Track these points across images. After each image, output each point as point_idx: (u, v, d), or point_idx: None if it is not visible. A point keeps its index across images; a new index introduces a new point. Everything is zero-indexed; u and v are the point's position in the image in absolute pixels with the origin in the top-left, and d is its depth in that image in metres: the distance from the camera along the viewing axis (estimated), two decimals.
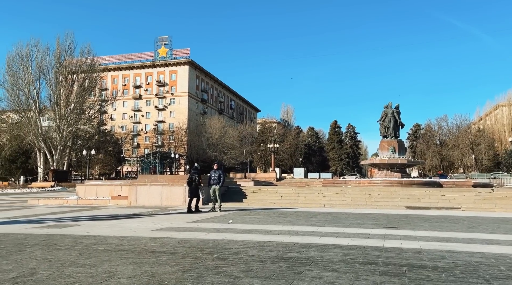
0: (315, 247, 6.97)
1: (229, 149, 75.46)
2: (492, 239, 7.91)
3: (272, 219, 11.89)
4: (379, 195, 18.09)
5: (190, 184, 14.53)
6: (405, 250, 6.60)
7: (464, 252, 6.43)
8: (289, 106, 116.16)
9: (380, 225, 10.37)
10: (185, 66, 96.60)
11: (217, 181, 14.52)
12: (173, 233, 8.96)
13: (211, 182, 14.67)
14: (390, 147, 29.55)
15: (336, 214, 13.57)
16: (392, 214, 13.55)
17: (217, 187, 14.49)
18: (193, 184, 14.47)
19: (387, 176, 28.61)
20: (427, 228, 9.72)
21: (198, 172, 14.90)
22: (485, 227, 10.03)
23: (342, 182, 28.54)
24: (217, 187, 14.49)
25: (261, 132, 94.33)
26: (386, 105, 31.28)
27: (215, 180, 14.57)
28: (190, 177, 14.78)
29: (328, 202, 17.65)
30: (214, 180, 14.58)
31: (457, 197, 16.80)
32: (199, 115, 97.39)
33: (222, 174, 14.86)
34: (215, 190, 14.52)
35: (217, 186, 14.48)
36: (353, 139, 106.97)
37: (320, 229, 9.45)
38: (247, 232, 9.09)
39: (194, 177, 14.57)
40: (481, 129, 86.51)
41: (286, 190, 20.45)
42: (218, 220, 11.83)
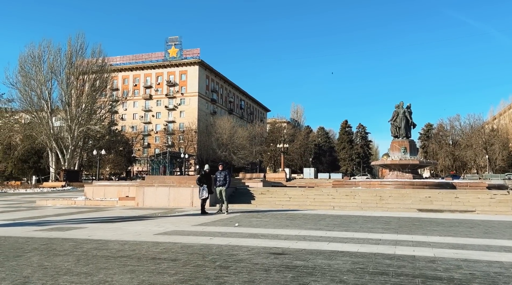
0: (322, 254, 6.66)
1: (239, 149, 75.30)
2: (510, 246, 7.50)
3: (279, 222, 11.59)
4: (390, 197, 17.65)
5: (201, 185, 14.35)
6: (418, 258, 6.25)
7: (481, 261, 6.06)
8: (299, 106, 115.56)
9: (391, 229, 10.00)
10: (195, 66, 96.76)
11: (223, 182, 14.34)
12: (176, 237, 8.73)
13: (217, 183, 14.48)
14: (402, 147, 29.01)
15: (345, 217, 13.21)
16: (404, 217, 13.13)
17: (223, 189, 14.31)
18: (202, 185, 14.34)
19: (399, 177, 28.09)
20: (440, 233, 9.32)
21: (209, 174, 14.80)
22: (503, 232, 9.59)
23: (352, 183, 28.09)
24: (223, 188, 14.31)
25: (270, 132, 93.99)
26: (397, 105, 30.74)
27: (221, 181, 14.39)
28: (199, 178, 14.73)
29: (337, 204, 17.27)
30: (220, 181, 14.41)
31: (471, 200, 16.28)
32: (209, 115, 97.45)
33: (228, 175, 14.66)
34: (221, 191, 14.37)
35: (223, 188, 14.30)
36: (364, 139, 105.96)
37: (328, 234, 9.12)
38: (253, 236, 8.81)
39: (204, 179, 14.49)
40: (495, 129, 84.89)
41: (295, 191, 20.12)
42: (224, 223, 11.58)
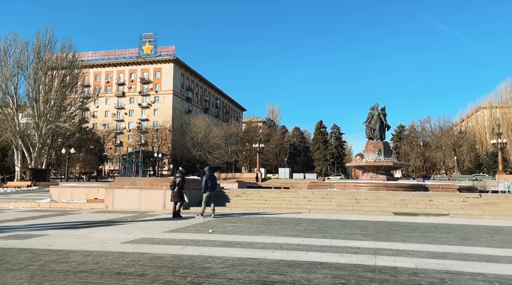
0: (301, 266, 6.29)
1: (214, 148, 74.48)
2: (489, 254, 7.38)
3: (255, 228, 11.19)
4: (366, 199, 17.59)
5: (173, 188, 14.19)
6: (400, 270, 5.98)
7: (464, 273, 5.85)
8: (274, 106, 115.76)
9: (370, 235, 9.78)
10: (170, 64, 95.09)
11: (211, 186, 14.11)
12: (145, 246, 8.17)
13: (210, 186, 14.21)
14: (376, 149, 29.24)
15: (322, 221, 12.95)
16: (380, 221, 13.00)
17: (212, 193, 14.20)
18: (176, 188, 14.10)
19: (373, 178, 28.29)
20: (418, 239, 9.16)
21: (182, 176, 14.50)
22: (479, 238, 9.55)
23: (327, 184, 28.07)
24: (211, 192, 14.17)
25: (246, 131, 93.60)
26: (372, 107, 30.97)
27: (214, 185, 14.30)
28: (173, 181, 14.44)
29: (313, 206, 17.05)
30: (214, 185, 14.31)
31: (445, 203, 16.41)
32: (184, 114, 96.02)
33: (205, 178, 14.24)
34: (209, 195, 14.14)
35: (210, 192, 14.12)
36: (338, 139, 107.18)
37: (306, 241, 8.79)
38: (227, 245, 8.37)
39: (178, 181, 14.18)
40: (463, 131, 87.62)
41: (271, 193, 19.79)
42: (197, 229, 11.07)
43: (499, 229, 11.39)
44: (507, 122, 77.43)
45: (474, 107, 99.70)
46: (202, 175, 14.71)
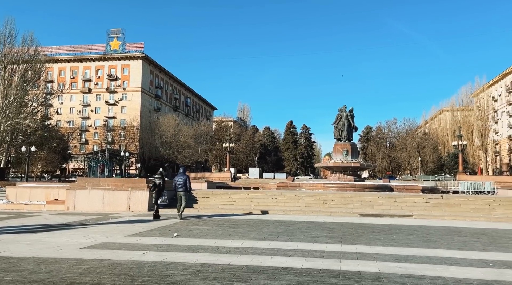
0: (265, 272, 6.18)
1: (184, 148, 73.42)
2: (449, 257, 7.54)
3: (222, 231, 11.01)
4: (333, 200, 17.78)
5: (153, 189, 14.16)
6: (364, 275, 5.98)
7: (425, 277, 5.93)
8: (245, 105, 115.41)
9: (336, 238, 9.82)
10: (138, 60, 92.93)
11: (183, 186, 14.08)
12: (105, 251, 7.82)
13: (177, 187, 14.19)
14: (344, 150, 29.69)
15: (289, 223, 12.93)
16: (347, 223, 13.13)
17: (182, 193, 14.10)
18: (156, 189, 14.09)
19: (340, 179, 28.72)
20: (383, 242, 9.28)
21: (162, 177, 14.49)
22: (440, 240, 9.78)
23: (296, 185, 28.23)
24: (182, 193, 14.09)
25: (217, 131, 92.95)
26: (340, 109, 31.43)
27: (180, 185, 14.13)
28: (153, 182, 14.36)
29: (281, 208, 17.06)
30: (180, 184, 14.12)
31: (408, 204, 16.83)
32: (153, 112, 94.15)
33: (188, 178, 14.36)
34: (181, 195, 14.11)
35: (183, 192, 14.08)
36: (308, 140, 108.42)
37: (272, 245, 8.70)
38: (192, 249, 8.15)
39: (158, 182, 14.13)
40: (426, 133, 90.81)
41: (239, 194, 19.64)
42: (161, 232, 10.76)
43: (459, 230, 11.75)
44: (467, 125, 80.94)
45: (437, 110, 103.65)
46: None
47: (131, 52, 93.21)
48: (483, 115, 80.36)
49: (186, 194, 14.14)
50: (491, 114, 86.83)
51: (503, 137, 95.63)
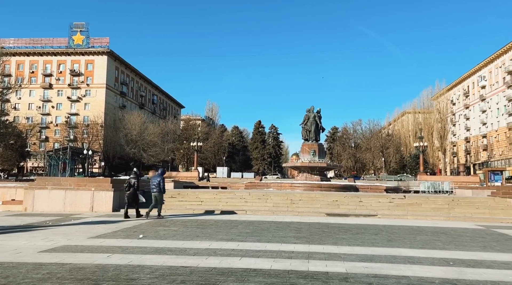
0: (234, 274, 6.13)
1: (150, 146, 71.93)
2: (413, 256, 7.78)
3: (189, 232, 10.84)
4: (301, 200, 17.96)
5: (128, 189, 14.24)
6: (332, 276, 6.05)
7: (390, 276, 6.07)
8: (214, 104, 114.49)
9: (303, 238, 9.90)
10: (103, 56, 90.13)
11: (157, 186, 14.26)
12: (66, 255, 7.50)
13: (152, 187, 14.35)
14: (311, 150, 30.12)
15: (257, 223, 12.93)
16: (314, 222, 13.29)
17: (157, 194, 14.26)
18: (131, 189, 14.18)
19: (308, 179, 29.12)
20: (349, 241, 9.45)
21: (137, 177, 14.57)
22: (403, 239, 10.08)
23: (264, 185, 28.35)
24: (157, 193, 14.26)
25: (184, 129, 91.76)
26: (308, 109, 31.87)
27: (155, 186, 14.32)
28: (128, 182, 14.43)
29: (250, 208, 17.04)
30: (154, 185, 14.31)
31: (373, 203, 17.27)
32: (118, 109, 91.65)
33: (162, 180, 14.48)
34: (155, 196, 14.28)
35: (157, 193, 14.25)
36: (276, 139, 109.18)
37: (240, 246, 8.65)
38: (158, 251, 7.97)
39: (133, 182, 14.24)
40: (390, 134, 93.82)
41: (207, 194, 19.45)
42: (127, 234, 10.46)
43: (421, 229, 12.17)
44: (428, 126, 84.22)
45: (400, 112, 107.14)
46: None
47: (95, 47, 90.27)
48: (442, 118, 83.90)
49: (160, 194, 14.28)
50: (449, 117, 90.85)
51: (460, 139, 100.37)
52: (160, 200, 14.35)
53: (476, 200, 18.06)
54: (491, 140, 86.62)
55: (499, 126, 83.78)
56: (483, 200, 17.94)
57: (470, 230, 12.20)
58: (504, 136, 79.59)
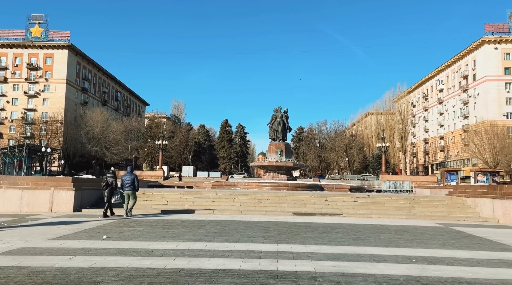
0: (203, 275, 6.03)
1: (112, 144, 69.83)
2: (378, 254, 7.98)
3: (155, 232, 10.60)
4: (268, 199, 18.05)
5: (106, 188, 14.41)
6: (300, 275, 6.09)
7: (357, 275, 6.19)
8: (180, 102, 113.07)
9: (271, 237, 9.94)
10: (64, 50, 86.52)
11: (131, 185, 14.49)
12: (24, 258, 7.11)
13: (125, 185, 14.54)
14: (278, 150, 30.36)
15: (225, 223, 12.85)
16: (281, 221, 13.38)
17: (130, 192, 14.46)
18: (109, 188, 14.39)
19: (274, 178, 29.32)
20: (316, 240, 9.57)
21: (114, 176, 14.86)
22: (368, 237, 10.34)
23: (231, 184, 28.27)
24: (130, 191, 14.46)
25: (149, 127, 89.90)
26: (275, 109, 32.08)
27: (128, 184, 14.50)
28: (106, 181, 14.58)
29: (217, 207, 16.92)
30: (128, 183, 14.49)
31: (338, 203, 17.63)
32: (79, 105, 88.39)
33: (136, 178, 14.79)
34: (129, 194, 14.48)
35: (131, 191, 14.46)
36: (243, 139, 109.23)
37: (209, 246, 8.55)
38: (123, 253, 7.72)
39: (111, 181, 14.48)
40: (354, 134, 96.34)
41: (173, 194, 19.13)
42: (89, 235, 10.07)
43: (384, 227, 12.54)
44: (390, 128, 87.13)
45: (363, 113, 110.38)
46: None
47: (55, 40, 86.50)
48: (403, 119, 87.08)
49: (134, 192, 14.52)
50: (410, 119, 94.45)
51: (420, 140, 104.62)
52: (133, 198, 14.52)
53: (435, 199, 18.85)
54: (447, 142, 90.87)
55: (455, 128, 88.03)
56: (441, 199, 18.76)
57: (430, 228, 12.71)
58: (460, 138, 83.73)
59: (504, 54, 77.89)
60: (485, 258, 7.88)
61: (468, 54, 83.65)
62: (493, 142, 60.07)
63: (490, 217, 15.69)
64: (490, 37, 77.92)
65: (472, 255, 8.16)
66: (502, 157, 58.58)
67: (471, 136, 68.36)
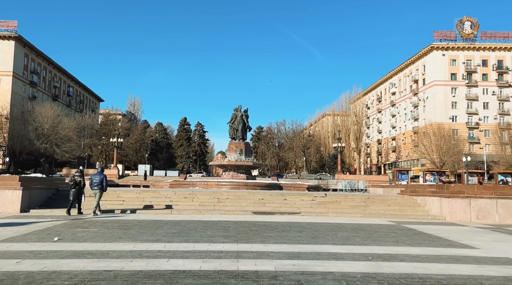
0: (162, 276, 5.89)
1: (64, 141, 66.55)
2: (336, 252, 8.18)
3: (111, 233, 10.23)
4: (227, 199, 17.98)
5: (74, 187, 14.54)
6: (261, 275, 6.11)
7: (316, 273, 6.30)
8: (136, 99, 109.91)
9: (231, 237, 9.90)
10: (10, 41, 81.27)
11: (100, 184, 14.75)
12: None
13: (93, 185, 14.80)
14: (238, 149, 30.35)
15: (184, 223, 12.65)
16: (241, 221, 13.38)
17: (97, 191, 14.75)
18: (76, 187, 14.56)
19: (234, 177, 29.28)
20: (276, 239, 9.66)
21: (82, 175, 15.06)
22: (326, 236, 10.58)
23: (190, 183, 27.89)
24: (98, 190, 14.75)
25: (103, 124, 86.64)
26: (236, 108, 32.05)
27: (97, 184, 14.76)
28: (73, 179, 14.72)
29: (175, 207, 16.62)
30: (96, 183, 14.73)
31: (297, 201, 17.90)
32: (27, 100, 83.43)
33: (105, 177, 15.02)
34: (96, 193, 14.75)
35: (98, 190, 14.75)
36: (202, 137, 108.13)
37: (167, 247, 8.37)
38: (77, 255, 7.38)
39: (79, 180, 14.67)
40: (311, 134, 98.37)
41: (130, 193, 18.56)
42: (39, 237, 9.54)
43: (341, 226, 12.89)
44: (345, 128, 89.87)
45: (321, 114, 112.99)
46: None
47: (1, 31, 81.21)
48: (358, 120, 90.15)
49: (101, 192, 14.79)
50: (364, 120, 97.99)
51: (373, 141, 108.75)
52: (99, 197, 14.76)
53: (388, 198, 19.64)
54: (399, 143, 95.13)
55: (406, 130, 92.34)
56: (393, 198, 19.58)
57: (384, 226, 13.22)
58: (410, 139, 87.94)
59: (450, 61, 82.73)
60: (435, 254, 8.31)
61: (419, 59, 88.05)
62: (440, 143, 63.67)
63: (438, 215, 16.58)
64: (439, 44, 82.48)
65: (423, 251, 8.58)
66: (448, 157, 62.23)
67: (421, 138, 72.00)
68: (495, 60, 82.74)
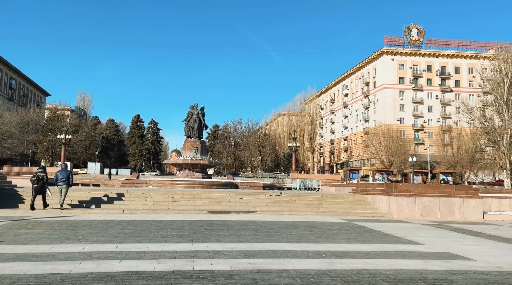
0: (114, 278, 5.68)
1: (5, 137, 62.35)
2: (290, 250, 8.31)
3: (58, 234, 9.72)
4: (182, 198, 17.71)
5: (37, 183, 15.00)
6: (217, 274, 6.08)
7: (272, 271, 6.36)
8: (86, 94, 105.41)
9: (186, 236, 9.76)
10: None
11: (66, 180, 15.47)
12: None
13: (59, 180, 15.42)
14: (194, 147, 29.99)
15: (137, 222, 12.30)
16: (196, 220, 13.23)
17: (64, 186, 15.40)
18: (39, 183, 15.01)
19: (189, 176, 28.90)
20: (232, 238, 9.65)
21: (45, 171, 15.55)
22: (281, 234, 10.72)
23: (143, 182, 27.17)
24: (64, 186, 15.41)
25: (50, 120, 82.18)
26: (192, 106, 31.63)
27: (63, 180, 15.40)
28: (36, 176, 15.14)
29: (127, 207, 16.12)
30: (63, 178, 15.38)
31: (252, 200, 18.00)
32: None
33: (71, 173, 15.88)
34: (62, 189, 15.40)
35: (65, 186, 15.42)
36: (156, 135, 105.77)
37: (119, 248, 8.09)
38: (21, 258, 6.94)
39: (42, 176, 15.11)
40: (267, 134, 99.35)
41: (78, 193, 17.73)
42: None
43: (295, 224, 13.13)
44: (300, 128, 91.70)
45: (276, 114, 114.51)
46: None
47: None
48: (312, 121, 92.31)
49: (67, 187, 15.49)
50: (318, 121, 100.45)
51: (327, 141, 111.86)
52: (66, 192, 15.43)
53: (340, 197, 20.27)
54: (350, 143, 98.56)
55: (357, 131, 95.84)
56: (345, 196, 20.24)
57: (336, 224, 13.63)
58: (361, 140, 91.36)
59: (399, 65, 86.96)
60: (384, 250, 8.69)
61: (370, 63, 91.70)
62: (388, 144, 66.74)
63: (386, 212, 17.36)
64: (388, 49, 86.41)
65: (372, 248, 8.94)
66: (396, 157, 65.39)
67: (371, 139, 75.05)
68: (439, 66, 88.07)
